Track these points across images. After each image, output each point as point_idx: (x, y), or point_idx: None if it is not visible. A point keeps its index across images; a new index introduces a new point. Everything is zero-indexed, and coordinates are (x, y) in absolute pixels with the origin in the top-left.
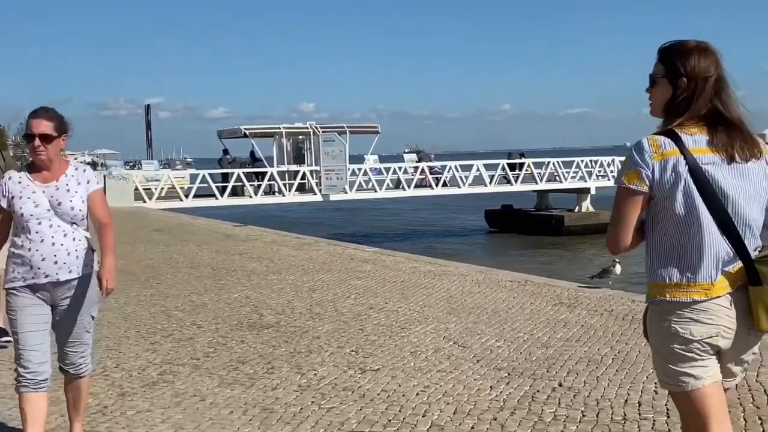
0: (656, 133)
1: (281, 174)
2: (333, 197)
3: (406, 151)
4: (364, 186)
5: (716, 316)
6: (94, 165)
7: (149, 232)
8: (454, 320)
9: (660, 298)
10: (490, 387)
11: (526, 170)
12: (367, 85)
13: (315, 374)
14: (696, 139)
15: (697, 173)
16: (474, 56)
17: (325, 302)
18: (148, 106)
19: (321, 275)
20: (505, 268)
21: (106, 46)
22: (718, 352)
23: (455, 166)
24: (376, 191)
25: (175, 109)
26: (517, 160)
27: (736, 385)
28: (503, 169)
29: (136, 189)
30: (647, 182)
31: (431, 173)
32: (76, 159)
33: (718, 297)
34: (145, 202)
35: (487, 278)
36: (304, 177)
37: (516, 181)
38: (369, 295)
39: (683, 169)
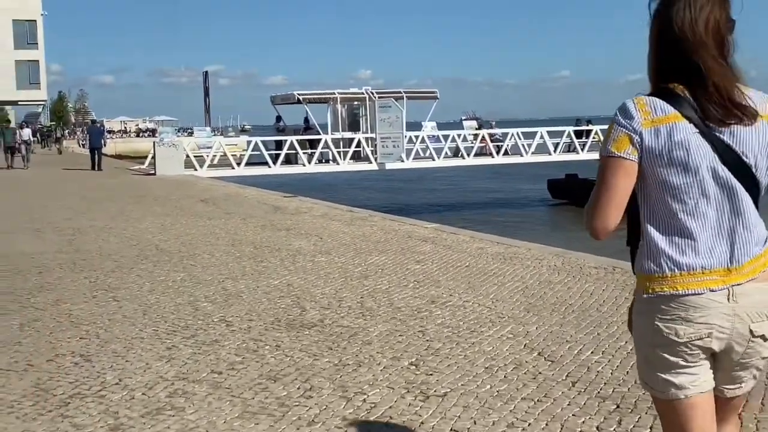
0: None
1: (335, 141)
2: (389, 166)
3: (463, 118)
4: (421, 154)
5: (709, 314)
6: (152, 132)
7: (194, 203)
8: (534, 321)
9: (647, 292)
10: (597, 428)
11: (594, 138)
12: (424, 52)
13: (364, 400)
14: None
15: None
16: (532, 22)
17: (379, 293)
18: (206, 72)
19: (374, 257)
20: (582, 249)
21: (168, 13)
22: (713, 355)
23: (517, 134)
24: (433, 160)
25: (234, 77)
26: (584, 127)
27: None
28: (569, 136)
29: (187, 157)
30: (638, 150)
31: (492, 141)
32: (137, 125)
33: (713, 290)
34: (195, 170)
35: (567, 263)
36: (358, 145)
37: (582, 149)
38: (430, 283)
39: (683, 135)
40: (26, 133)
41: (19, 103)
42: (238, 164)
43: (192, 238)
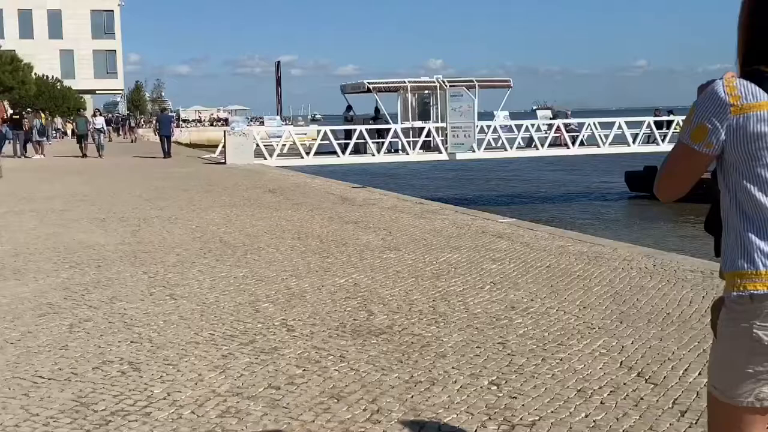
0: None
1: (405, 131)
2: (459, 156)
3: (535, 107)
4: (493, 144)
5: None
6: (225, 121)
7: (261, 194)
8: (629, 333)
9: (739, 291)
10: None
11: (675, 129)
12: (495, 41)
13: (439, 428)
14: None
15: None
16: (608, 11)
17: (453, 296)
18: (279, 62)
19: (447, 254)
20: (672, 248)
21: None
22: None
23: (594, 124)
24: (506, 150)
25: (306, 67)
26: (665, 118)
27: None
28: (648, 127)
29: (257, 146)
30: (717, 143)
31: (567, 131)
32: (211, 115)
33: None
34: (265, 159)
35: (659, 266)
36: (428, 134)
37: (663, 140)
38: (508, 285)
39: None
40: (99, 121)
41: (97, 92)
42: (308, 153)
43: (257, 230)
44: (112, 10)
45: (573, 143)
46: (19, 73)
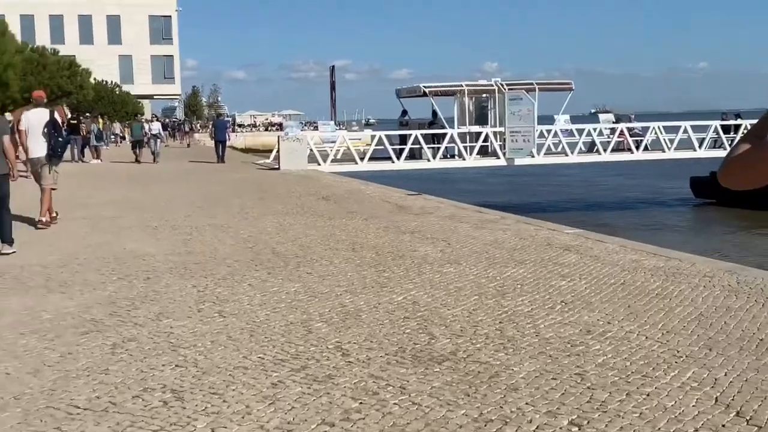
0: None
1: (462, 136)
2: (518, 161)
3: (594, 111)
4: (553, 149)
5: None
6: (280, 126)
7: (315, 201)
8: (720, 362)
9: None
10: None
11: (743, 133)
12: (552, 44)
13: None
14: None
15: None
16: (667, 13)
17: (520, 317)
18: (333, 67)
19: (511, 269)
20: (755, 263)
21: (297, 9)
22: None
23: (658, 128)
24: (566, 155)
25: (360, 71)
26: (732, 122)
27: None
28: (715, 131)
29: (311, 151)
30: None
31: (631, 135)
32: (266, 119)
33: None
34: (319, 165)
35: (744, 284)
36: (486, 139)
37: (731, 145)
38: (581, 305)
39: None
40: (156, 126)
41: (155, 97)
42: (362, 159)
43: (311, 240)
44: (170, 16)
45: (637, 148)
46: (77, 77)
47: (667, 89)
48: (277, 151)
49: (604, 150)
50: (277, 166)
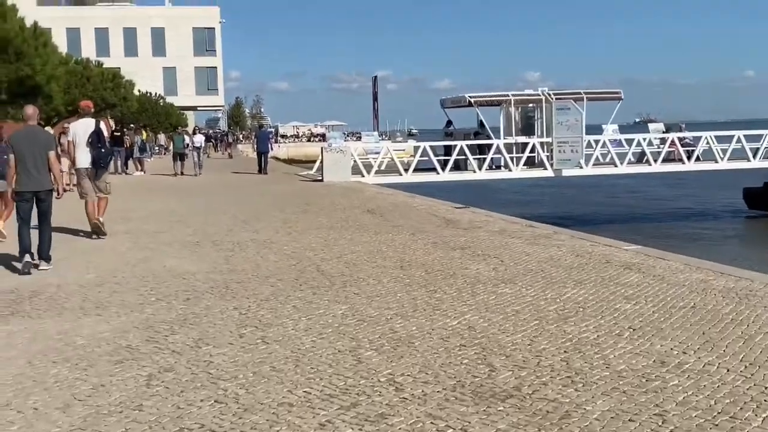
0: None
1: (508, 146)
2: (566, 173)
3: (638, 120)
4: (601, 160)
5: None
6: (323, 136)
7: (360, 214)
8: None
9: None
10: None
11: None
12: (595, 53)
13: None
14: None
15: None
16: (712, 18)
17: (587, 345)
18: (375, 77)
19: (570, 289)
20: None
21: (340, 20)
22: None
23: (710, 138)
24: (616, 166)
25: (402, 82)
26: None
27: None
28: None
29: (354, 162)
30: None
31: (682, 145)
32: (309, 130)
33: None
34: (363, 176)
35: None
36: (533, 150)
37: None
38: (651, 332)
39: None
40: (199, 139)
41: (198, 108)
42: (406, 170)
43: (356, 256)
44: (213, 28)
45: (689, 158)
46: (121, 89)
47: (712, 98)
48: (321, 163)
49: (655, 160)
50: (320, 178)
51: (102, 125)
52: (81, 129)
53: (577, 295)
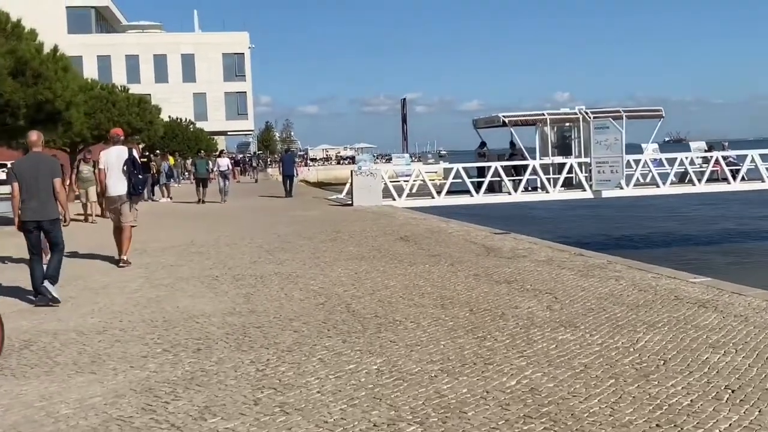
0: None
1: (544, 167)
2: (605, 194)
3: (667, 139)
4: (641, 180)
5: None
6: (352, 159)
7: (393, 242)
8: None
9: None
10: None
11: None
12: (624, 73)
13: None
14: None
15: None
16: (742, 41)
17: (682, 415)
18: (404, 99)
19: (643, 334)
20: None
21: (368, 44)
22: None
23: (756, 156)
24: (658, 186)
25: (430, 104)
26: None
27: None
28: None
29: (385, 185)
30: None
31: (727, 164)
32: (338, 153)
33: None
34: (394, 200)
35: None
36: (570, 171)
37: None
38: (755, 395)
39: None
40: (224, 163)
41: (228, 133)
42: (438, 192)
43: (391, 292)
44: (243, 53)
45: (734, 177)
46: (147, 114)
47: (744, 116)
48: (350, 186)
49: (698, 180)
50: (350, 202)
51: (134, 152)
52: (113, 156)
53: (653, 342)
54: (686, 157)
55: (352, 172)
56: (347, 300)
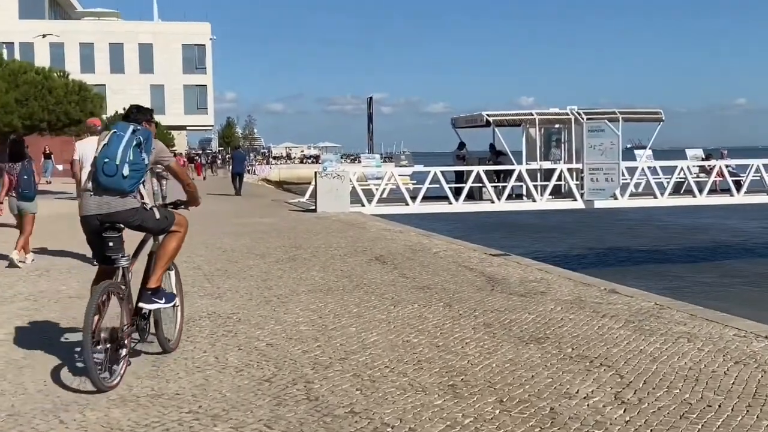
0: None
1: (531, 173)
2: (598, 204)
3: (629, 146)
4: (634, 190)
5: None
6: (316, 158)
7: (366, 264)
8: None
9: None
10: None
11: None
12: (587, 79)
13: None
14: None
15: None
16: (704, 50)
17: None
18: (371, 98)
19: None
20: None
21: (335, 44)
22: None
23: (761, 166)
24: (655, 197)
25: (396, 104)
26: None
27: None
28: None
29: (353, 189)
30: None
31: (729, 175)
32: (302, 152)
33: None
34: (363, 205)
35: None
36: (560, 177)
37: None
38: None
39: None
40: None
41: (187, 128)
42: (413, 198)
43: (372, 357)
44: (204, 45)
45: (738, 189)
46: (87, 103)
47: (706, 125)
48: (314, 189)
49: (700, 191)
50: (313, 207)
51: None
52: (89, 149)
53: None
54: (687, 167)
55: (316, 173)
56: (307, 373)
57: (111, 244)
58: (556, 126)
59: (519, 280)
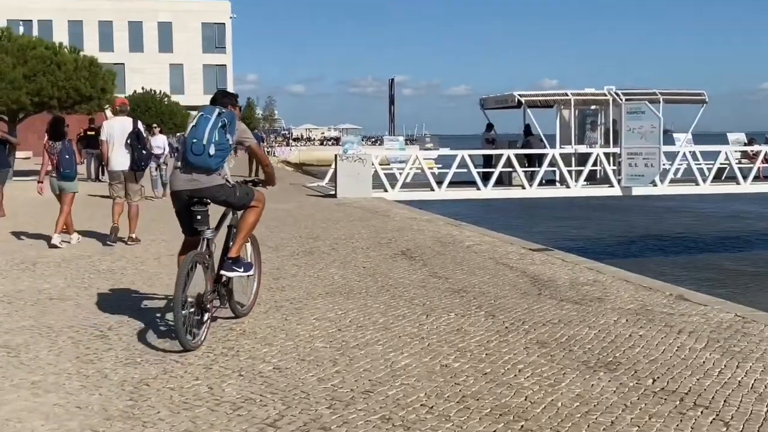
0: None
1: (565, 158)
2: (636, 191)
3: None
4: (672, 176)
5: None
6: (336, 140)
7: (391, 260)
8: None
9: None
10: None
11: None
12: (610, 61)
13: None
14: None
15: None
16: (732, 33)
17: None
18: (392, 80)
19: None
20: None
21: (358, 27)
22: None
23: None
24: (697, 184)
25: (417, 87)
26: None
27: None
28: None
29: (375, 173)
30: None
31: None
32: (322, 133)
33: None
34: (386, 191)
35: None
36: (596, 162)
37: None
38: None
39: None
40: (159, 142)
41: None
42: (439, 184)
43: (404, 391)
44: (224, 23)
45: None
46: (98, 80)
47: (730, 110)
48: (334, 173)
49: (745, 178)
50: (333, 192)
51: (139, 125)
52: (117, 128)
53: None
54: (732, 151)
55: (336, 156)
56: (323, 413)
57: (199, 217)
58: (592, 107)
59: (569, 282)
